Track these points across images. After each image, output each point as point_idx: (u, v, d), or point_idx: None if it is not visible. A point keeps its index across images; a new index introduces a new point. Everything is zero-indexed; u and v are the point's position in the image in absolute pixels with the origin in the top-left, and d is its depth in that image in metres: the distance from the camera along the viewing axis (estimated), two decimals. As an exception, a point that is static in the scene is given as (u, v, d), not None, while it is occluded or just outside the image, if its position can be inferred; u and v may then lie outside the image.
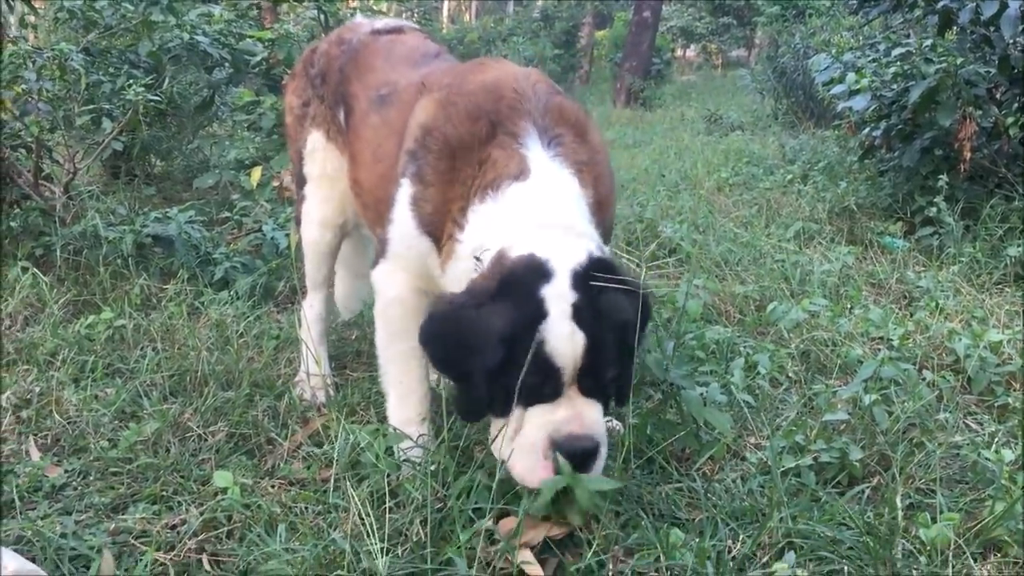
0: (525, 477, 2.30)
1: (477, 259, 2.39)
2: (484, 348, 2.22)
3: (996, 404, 3.21)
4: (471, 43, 21.96)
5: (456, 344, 2.30)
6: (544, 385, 2.25)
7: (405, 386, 2.79)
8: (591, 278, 2.26)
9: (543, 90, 2.64)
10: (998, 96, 5.83)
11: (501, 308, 2.23)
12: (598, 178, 2.59)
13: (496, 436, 2.36)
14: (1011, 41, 5.33)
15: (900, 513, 2.35)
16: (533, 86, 2.63)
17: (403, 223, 2.63)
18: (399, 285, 2.73)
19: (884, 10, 6.60)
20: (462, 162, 2.51)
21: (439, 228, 2.54)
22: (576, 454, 2.25)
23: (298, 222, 3.54)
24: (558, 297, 2.22)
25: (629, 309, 2.31)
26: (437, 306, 2.43)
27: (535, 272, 2.25)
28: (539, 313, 2.21)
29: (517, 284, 2.24)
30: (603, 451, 2.32)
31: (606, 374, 2.31)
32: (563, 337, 2.21)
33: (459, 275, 2.44)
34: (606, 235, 2.63)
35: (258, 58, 6.73)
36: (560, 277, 2.24)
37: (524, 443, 2.29)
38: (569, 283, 2.24)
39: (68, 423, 3.02)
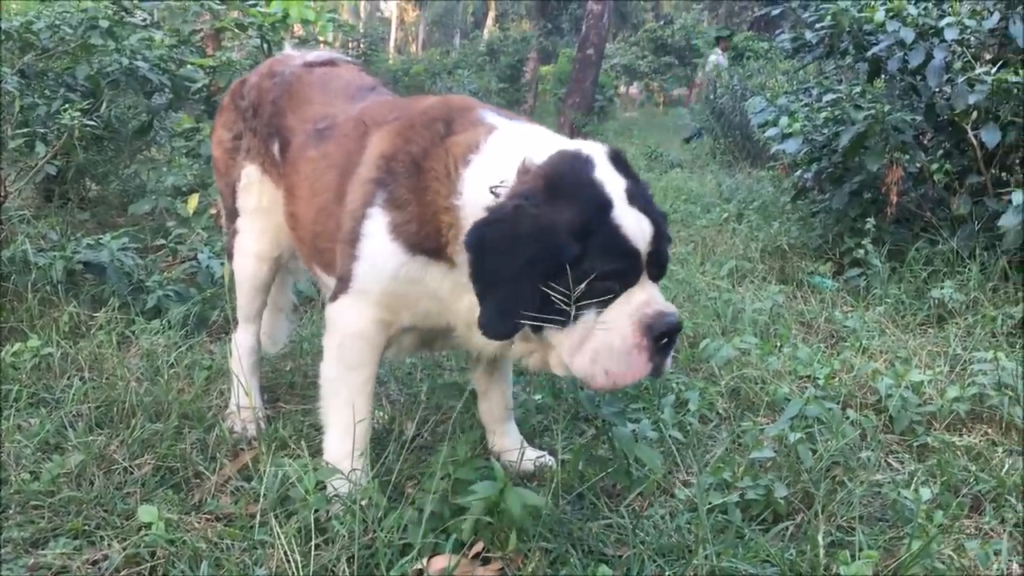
0: (624, 377, 2.21)
1: (494, 193, 2.27)
2: (555, 244, 2.11)
3: (916, 443, 3.30)
4: (416, 75, 22.01)
5: (516, 246, 2.14)
6: (627, 271, 2.17)
7: (350, 419, 2.71)
8: (620, 164, 2.25)
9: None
10: (924, 142, 6.06)
11: (564, 202, 2.14)
12: None
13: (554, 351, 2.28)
14: (937, 90, 5.56)
15: (822, 551, 2.40)
16: (476, 102, 2.71)
17: (382, 256, 2.54)
18: (363, 319, 2.67)
19: (818, 56, 6.81)
20: (429, 163, 2.48)
21: (431, 237, 2.46)
22: (670, 330, 2.18)
23: (230, 256, 3.48)
24: (613, 182, 2.17)
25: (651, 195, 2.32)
26: (490, 213, 2.25)
27: (579, 161, 2.19)
28: (606, 200, 2.14)
29: (567, 176, 2.17)
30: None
31: (666, 255, 2.27)
32: (635, 220, 2.16)
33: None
34: None
35: (199, 85, 6.67)
36: (602, 163, 2.20)
37: (610, 341, 2.19)
38: (613, 168, 2.20)
39: (-12, 454, 2.94)
